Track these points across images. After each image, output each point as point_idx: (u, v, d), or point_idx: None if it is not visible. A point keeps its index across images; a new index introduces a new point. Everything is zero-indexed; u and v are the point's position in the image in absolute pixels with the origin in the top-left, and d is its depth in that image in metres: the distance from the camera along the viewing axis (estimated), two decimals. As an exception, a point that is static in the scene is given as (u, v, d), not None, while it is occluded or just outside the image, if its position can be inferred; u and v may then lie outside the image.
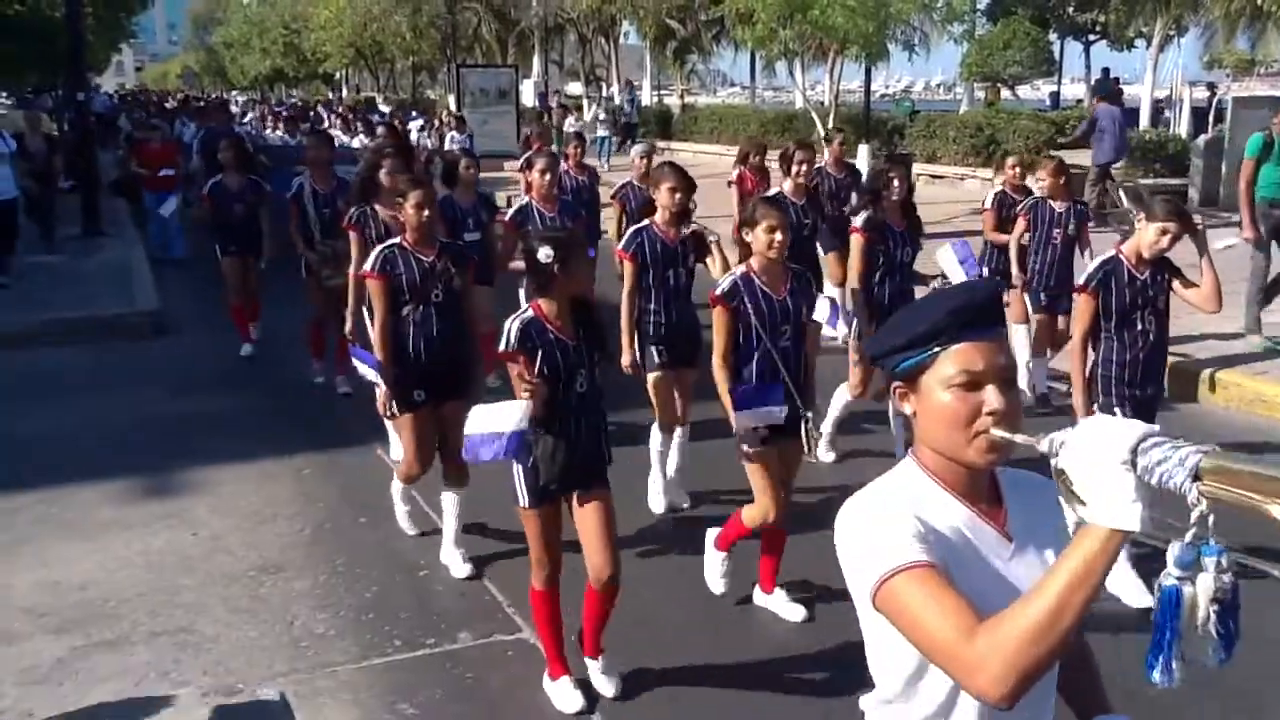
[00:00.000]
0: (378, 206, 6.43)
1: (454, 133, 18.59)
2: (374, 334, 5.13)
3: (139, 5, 33.12)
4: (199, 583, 5.09)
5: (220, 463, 6.62)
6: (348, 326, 6.43)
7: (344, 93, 54.14)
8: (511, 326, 3.81)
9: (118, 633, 4.62)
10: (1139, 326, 4.77)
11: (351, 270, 6.34)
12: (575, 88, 43.67)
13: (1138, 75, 28.61)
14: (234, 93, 62.87)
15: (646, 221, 5.72)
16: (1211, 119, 19.82)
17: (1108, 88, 26.23)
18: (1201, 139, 17.04)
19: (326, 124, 26.15)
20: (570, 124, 24.57)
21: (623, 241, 5.84)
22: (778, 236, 4.39)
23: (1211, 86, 23.96)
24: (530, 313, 3.88)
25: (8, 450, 6.85)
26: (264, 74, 56.74)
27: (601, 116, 26.66)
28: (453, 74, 31.26)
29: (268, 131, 22.12)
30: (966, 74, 24.98)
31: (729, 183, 9.91)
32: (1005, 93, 26.76)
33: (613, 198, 8.37)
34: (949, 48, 18.90)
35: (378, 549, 5.47)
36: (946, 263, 6.41)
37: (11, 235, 11.67)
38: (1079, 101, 28.17)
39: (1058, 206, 7.36)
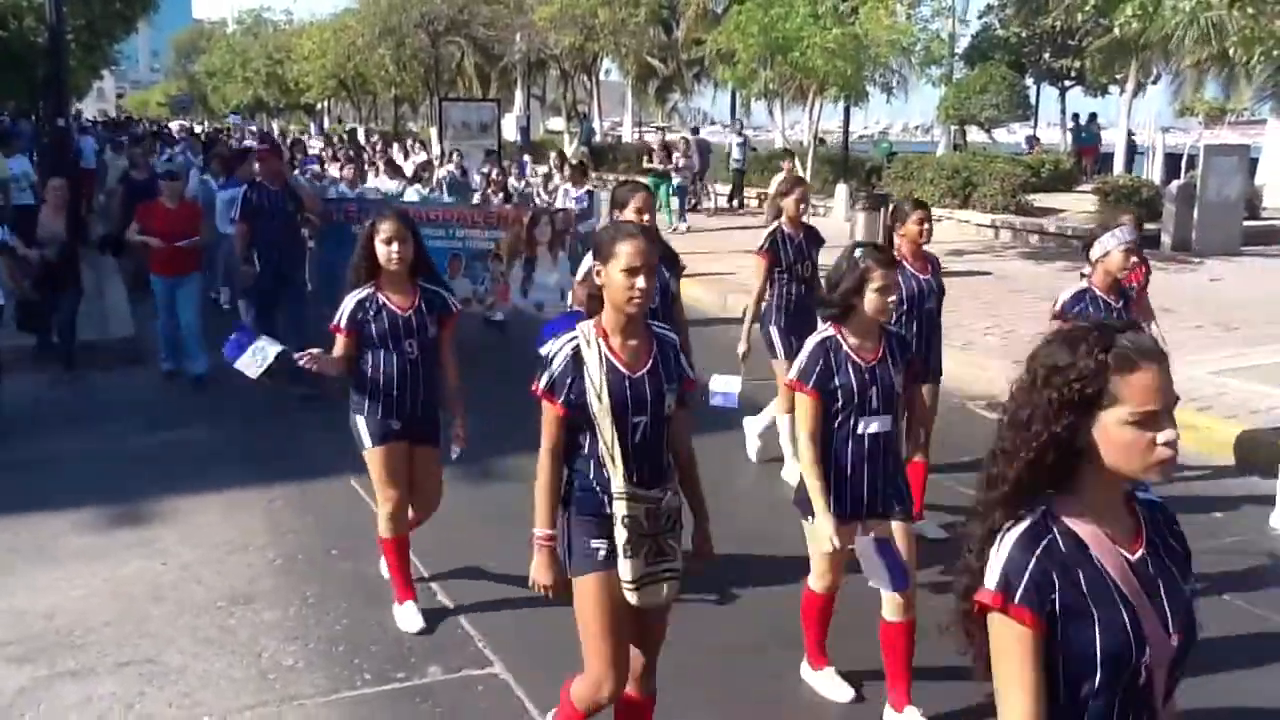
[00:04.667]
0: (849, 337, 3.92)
1: (568, 185, 13.24)
2: None
3: (122, 32, 33.14)
4: (167, 613, 5.03)
5: (191, 492, 6.56)
6: None
7: (325, 123, 54.20)
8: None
9: (83, 663, 4.56)
10: None
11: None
12: (557, 123, 43.92)
13: (1112, 121, 29.02)
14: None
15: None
16: (1184, 165, 20.14)
17: (1092, 133, 26.72)
18: (1174, 185, 17.31)
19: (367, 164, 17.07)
20: (679, 163, 21.00)
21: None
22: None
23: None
24: None
25: (-24, 476, 6.76)
26: (246, 103, 56.83)
27: (681, 162, 21.15)
28: (435, 107, 31.40)
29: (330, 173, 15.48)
30: (944, 116, 25.31)
31: (1081, 274, 5.90)
32: (981, 135, 27.16)
33: (761, 251, 6.78)
34: (927, 90, 19.24)
35: (348, 581, 5.42)
36: None
37: None
38: (1046, 149, 28.55)
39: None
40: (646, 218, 4.93)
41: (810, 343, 3.95)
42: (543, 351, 3.35)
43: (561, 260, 10.58)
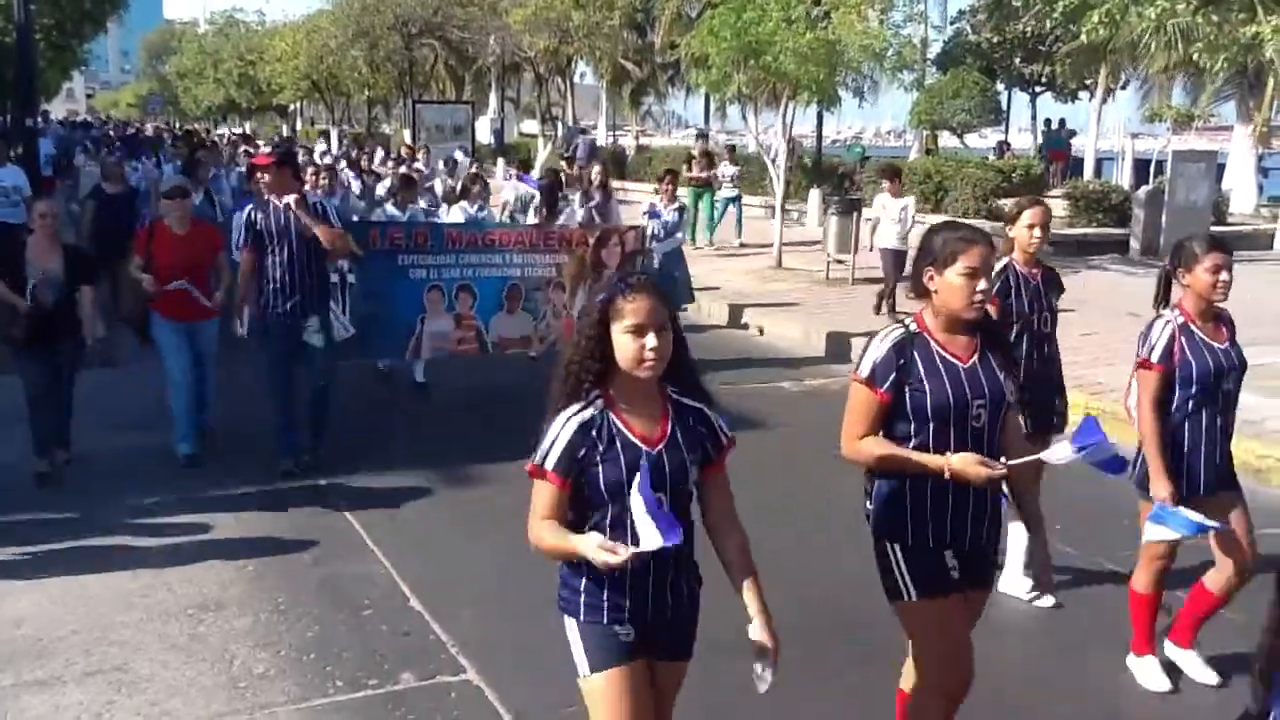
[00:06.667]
0: None
1: (654, 199, 11.14)
2: None
3: (92, 32, 32.86)
4: (136, 620, 4.99)
5: (161, 498, 6.51)
6: None
7: (298, 125, 53.91)
8: None
9: (50, 671, 4.52)
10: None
11: None
12: (530, 125, 43.88)
13: (1083, 126, 29.32)
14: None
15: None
16: (1153, 170, 20.39)
17: (1062, 139, 27.00)
18: (1143, 190, 17.52)
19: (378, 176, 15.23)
20: (725, 172, 18.84)
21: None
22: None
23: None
24: None
25: (-59, 482, 6.67)
26: (217, 105, 56.48)
27: (728, 171, 18.94)
28: (409, 109, 31.30)
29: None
30: (916, 121, 25.49)
31: None
32: (953, 140, 27.37)
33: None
34: (899, 95, 19.39)
35: (320, 587, 5.40)
36: None
37: None
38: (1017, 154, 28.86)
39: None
40: (982, 286, 3.22)
41: None
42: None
43: None
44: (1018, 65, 27.98)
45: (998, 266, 4.96)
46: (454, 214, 10.54)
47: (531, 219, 10.92)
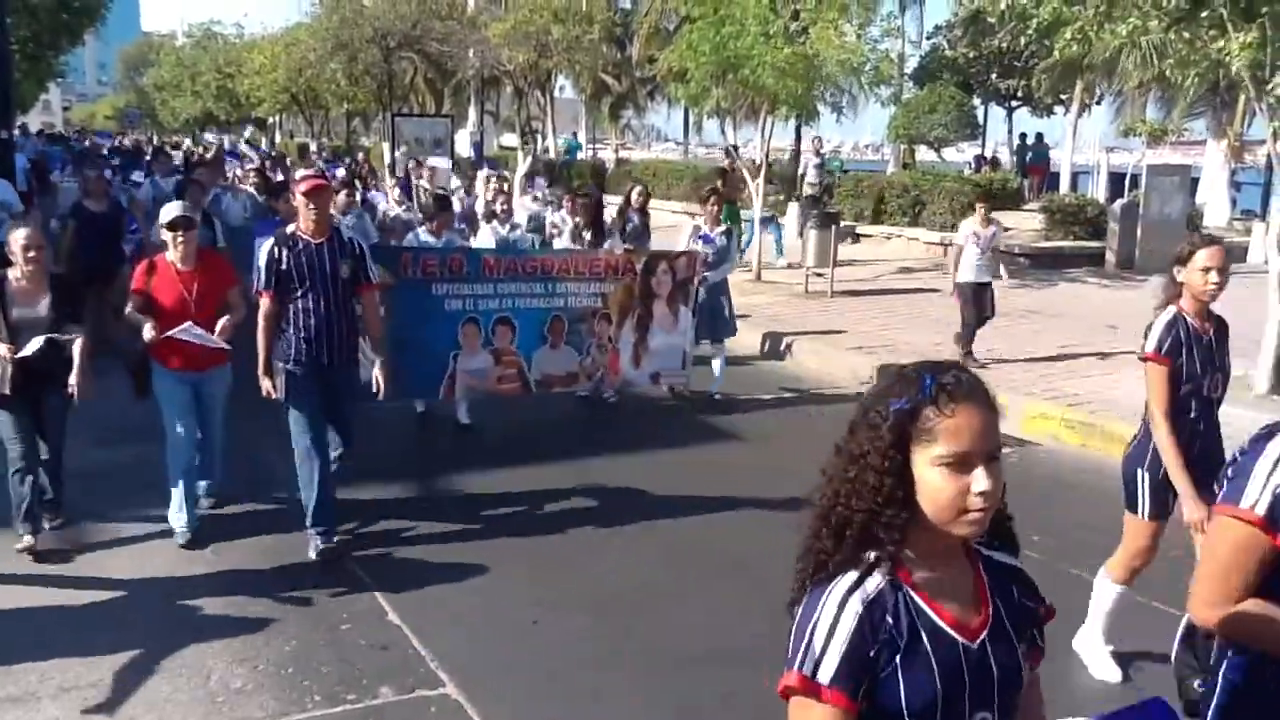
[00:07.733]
0: None
1: (697, 221, 9.94)
2: None
3: (69, 44, 32.71)
4: (111, 636, 4.95)
5: (138, 513, 6.47)
6: None
7: (277, 138, 53.78)
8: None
9: (24, 688, 4.48)
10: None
11: None
12: (510, 139, 43.92)
13: (1058, 141, 29.60)
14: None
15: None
16: (1128, 184, 20.60)
17: (1043, 152, 27.26)
18: (1118, 203, 17.69)
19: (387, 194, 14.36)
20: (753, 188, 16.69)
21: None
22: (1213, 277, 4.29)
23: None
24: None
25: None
26: (195, 117, 56.32)
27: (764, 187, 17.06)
28: (388, 122, 31.26)
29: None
30: (893, 136, 25.67)
31: None
32: (930, 154, 27.61)
33: (1159, 354, 4.47)
34: (877, 109, 19.56)
35: (298, 602, 5.37)
36: None
37: None
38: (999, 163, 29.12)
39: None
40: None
41: None
42: None
43: (683, 317, 8.54)
44: (994, 80, 28.23)
45: (1165, 318, 4.44)
46: (483, 236, 9.71)
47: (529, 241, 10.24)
